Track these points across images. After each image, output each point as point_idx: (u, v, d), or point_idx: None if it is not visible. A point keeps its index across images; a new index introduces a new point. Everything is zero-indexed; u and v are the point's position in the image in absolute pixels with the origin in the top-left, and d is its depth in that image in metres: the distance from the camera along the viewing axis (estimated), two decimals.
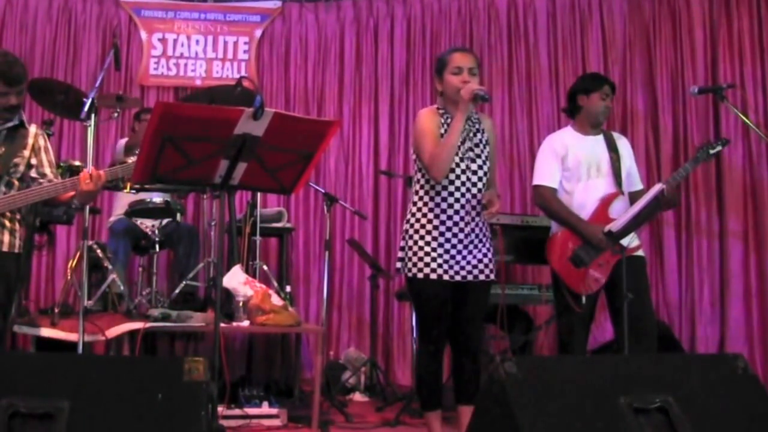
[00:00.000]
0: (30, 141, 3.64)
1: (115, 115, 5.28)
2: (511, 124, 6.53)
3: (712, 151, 3.87)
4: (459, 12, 6.75)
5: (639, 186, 4.19)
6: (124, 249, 5.30)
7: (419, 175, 3.60)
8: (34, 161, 3.64)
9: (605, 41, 6.37)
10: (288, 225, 5.95)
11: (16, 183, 3.59)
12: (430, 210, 3.52)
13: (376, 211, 6.63)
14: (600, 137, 4.14)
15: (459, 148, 3.50)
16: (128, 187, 4.55)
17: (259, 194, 5.45)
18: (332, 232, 5.58)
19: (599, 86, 4.14)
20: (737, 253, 5.77)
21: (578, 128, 4.16)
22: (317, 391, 4.48)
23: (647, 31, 6.26)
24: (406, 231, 3.59)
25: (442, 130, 3.54)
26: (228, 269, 4.73)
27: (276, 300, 4.74)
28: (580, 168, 4.04)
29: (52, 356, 2.42)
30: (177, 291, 5.09)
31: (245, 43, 6.93)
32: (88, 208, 4.22)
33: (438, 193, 3.51)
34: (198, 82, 6.84)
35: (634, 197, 4.07)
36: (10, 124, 3.59)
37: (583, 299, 3.89)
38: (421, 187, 3.58)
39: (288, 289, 5.39)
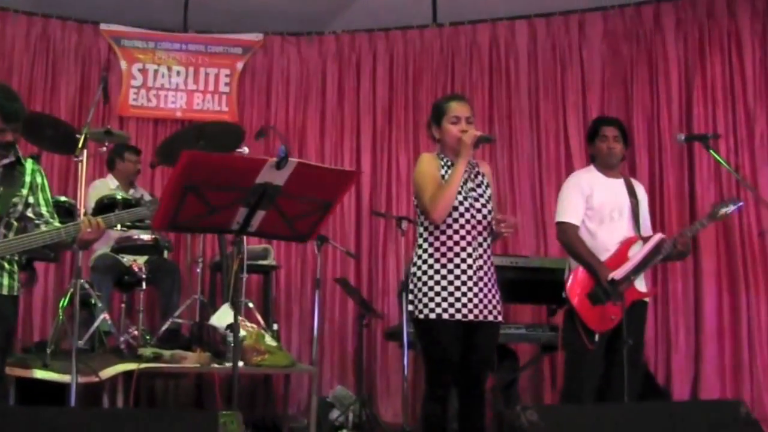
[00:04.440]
0: (27, 179, 3.56)
1: (103, 149, 5.23)
2: (491, 163, 6.57)
3: (725, 209, 4.02)
4: (441, 49, 6.82)
5: (650, 232, 4.28)
6: (107, 285, 5.22)
7: (423, 218, 3.63)
8: (31, 200, 3.56)
9: (584, 82, 6.49)
10: (273, 262, 5.92)
11: (15, 223, 3.51)
12: (437, 249, 3.54)
13: (358, 247, 6.60)
14: (621, 181, 4.23)
15: (462, 187, 3.55)
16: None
17: None
18: (319, 270, 5.54)
19: (596, 132, 4.25)
20: (711, 292, 5.89)
21: (599, 170, 4.25)
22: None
23: (625, 73, 6.39)
24: (414, 274, 3.59)
25: (443, 172, 3.59)
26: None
27: (269, 340, 4.72)
28: (604, 209, 4.12)
29: (88, 411, 2.39)
30: (164, 328, 5.04)
31: (226, 75, 6.90)
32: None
33: (443, 232, 3.54)
34: (178, 114, 6.80)
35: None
36: (6, 161, 3.50)
37: (596, 337, 3.94)
38: (425, 229, 3.61)
39: (275, 327, 5.37)
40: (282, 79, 6.99)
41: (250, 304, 5.31)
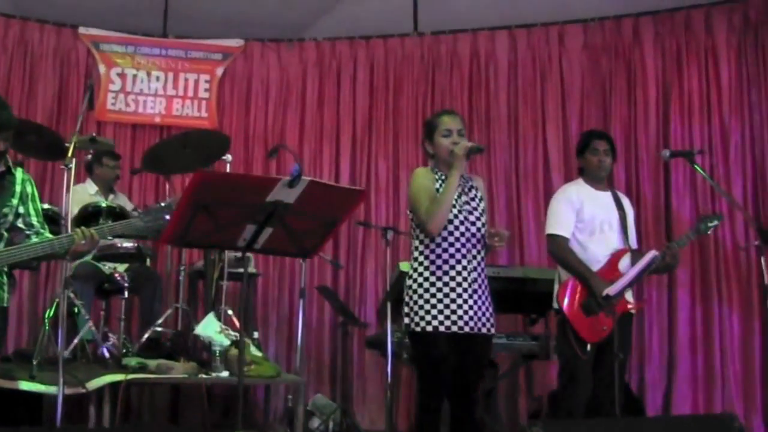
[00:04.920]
0: (17, 188, 3.50)
1: (89, 156, 5.15)
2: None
3: (710, 224, 4.12)
4: (422, 58, 6.84)
5: (636, 245, 4.36)
6: (88, 293, 5.13)
7: (418, 231, 3.67)
8: (21, 210, 3.50)
9: (564, 93, 6.54)
10: (253, 270, 5.89)
11: (5, 234, 3.45)
12: (432, 262, 3.58)
13: (336, 256, 6.52)
14: (609, 194, 4.31)
15: (456, 201, 3.61)
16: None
17: None
18: (305, 279, 5.53)
19: (587, 144, 4.32)
20: (685, 303, 5.99)
21: (588, 183, 4.31)
22: None
23: (603, 85, 6.47)
24: (410, 287, 3.63)
25: (437, 186, 3.64)
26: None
27: (254, 350, 4.71)
28: (594, 221, 4.18)
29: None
30: (146, 337, 4.99)
31: (206, 81, 6.83)
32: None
33: (438, 245, 3.58)
34: (157, 120, 6.73)
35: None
36: None
37: (588, 347, 3.99)
38: (421, 242, 3.65)
39: (256, 335, 5.35)
40: (262, 85, 6.95)
41: (230, 311, 5.27)
